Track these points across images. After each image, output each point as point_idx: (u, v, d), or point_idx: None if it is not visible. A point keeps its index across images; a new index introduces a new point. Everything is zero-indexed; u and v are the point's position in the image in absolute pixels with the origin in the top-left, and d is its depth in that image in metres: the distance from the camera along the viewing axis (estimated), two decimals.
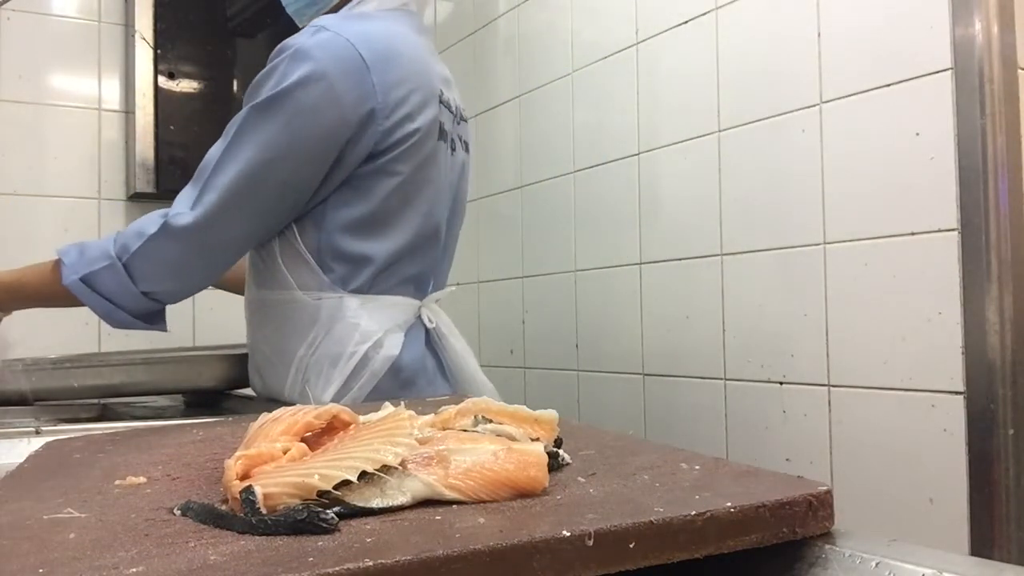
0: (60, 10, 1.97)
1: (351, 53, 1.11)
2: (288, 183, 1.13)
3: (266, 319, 1.25)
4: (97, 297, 1.20)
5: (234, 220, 1.14)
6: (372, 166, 1.15)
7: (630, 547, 0.43)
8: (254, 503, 0.46)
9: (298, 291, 1.20)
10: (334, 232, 1.17)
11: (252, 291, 1.29)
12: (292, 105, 1.09)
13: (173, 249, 1.14)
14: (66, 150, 1.96)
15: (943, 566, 0.42)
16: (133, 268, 1.16)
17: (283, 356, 1.22)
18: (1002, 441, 1.09)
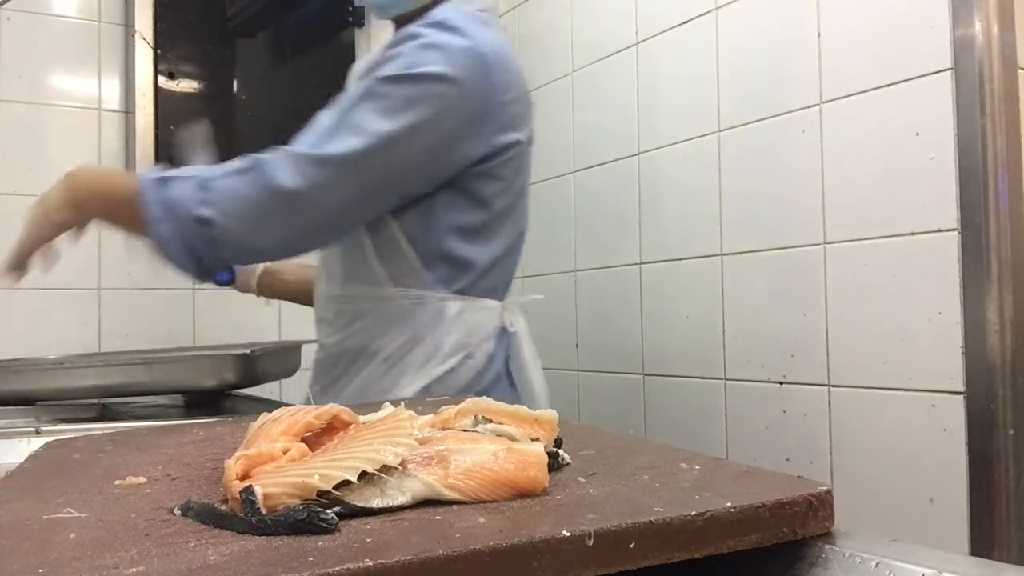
0: (60, 10, 1.97)
1: (477, 57, 1.11)
2: (399, 166, 1.09)
3: (355, 315, 1.21)
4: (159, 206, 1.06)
5: (336, 191, 1.07)
6: (481, 169, 1.15)
7: (630, 547, 0.43)
8: (254, 503, 0.46)
9: (393, 288, 1.17)
10: (444, 234, 1.16)
11: (336, 287, 1.24)
12: (419, 91, 1.07)
13: (261, 197, 1.05)
14: (66, 150, 1.96)
15: (943, 566, 0.42)
16: (210, 188, 1.06)
17: (366, 351, 1.19)
18: (1002, 441, 1.09)
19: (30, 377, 1.38)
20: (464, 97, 1.09)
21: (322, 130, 1.08)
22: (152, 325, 2.03)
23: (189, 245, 1.05)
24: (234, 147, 2.08)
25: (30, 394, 1.33)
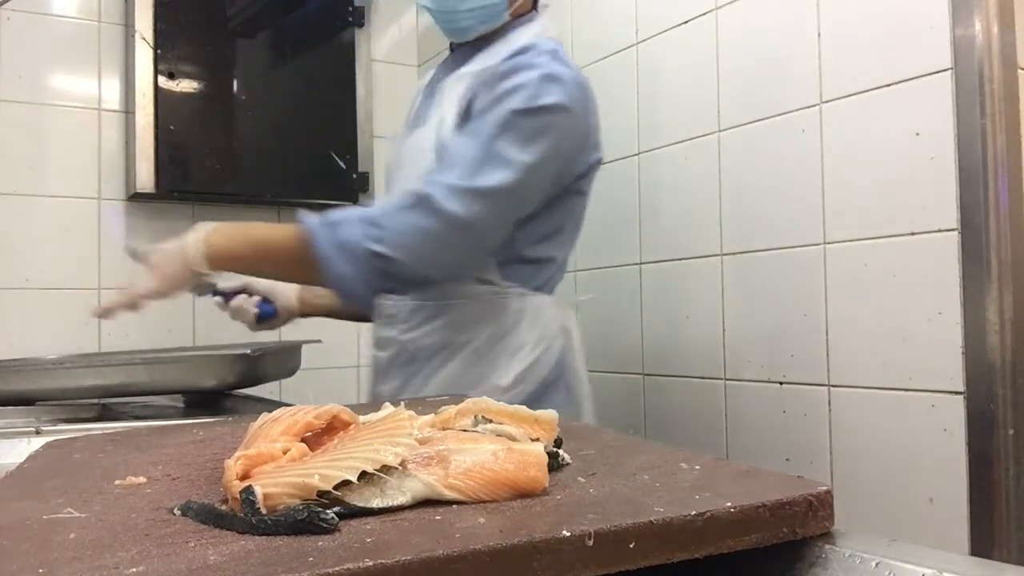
0: (60, 10, 1.97)
1: (582, 86, 1.20)
2: (536, 191, 1.19)
3: (437, 311, 1.24)
4: (334, 248, 1.11)
5: (495, 219, 1.15)
6: (573, 186, 1.25)
7: (630, 547, 0.43)
8: (254, 503, 0.46)
9: (477, 284, 1.23)
10: (526, 238, 1.23)
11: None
12: (546, 123, 1.14)
13: (435, 230, 1.12)
14: (66, 150, 1.96)
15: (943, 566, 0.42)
16: (380, 225, 1.12)
17: (451, 345, 1.23)
18: (1002, 441, 1.09)
19: (30, 377, 1.38)
20: (576, 125, 1.19)
21: (469, 162, 1.12)
22: (152, 325, 2.03)
23: (365, 279, 1.12)
24: (234, 147, 2.08)
25: (30, 394, 1.33)
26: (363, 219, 1.12)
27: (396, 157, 1.34)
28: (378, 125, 2.29)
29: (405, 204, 1.12)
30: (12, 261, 1.90)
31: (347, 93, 2.22)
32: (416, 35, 2.41)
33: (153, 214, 2.05)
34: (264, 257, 1.18)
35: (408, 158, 1.28)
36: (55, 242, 1.94)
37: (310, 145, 2.16)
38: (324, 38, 2.22)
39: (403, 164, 1.29)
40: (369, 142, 2.25)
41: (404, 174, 1.26)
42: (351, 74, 2.23)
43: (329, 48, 2.23)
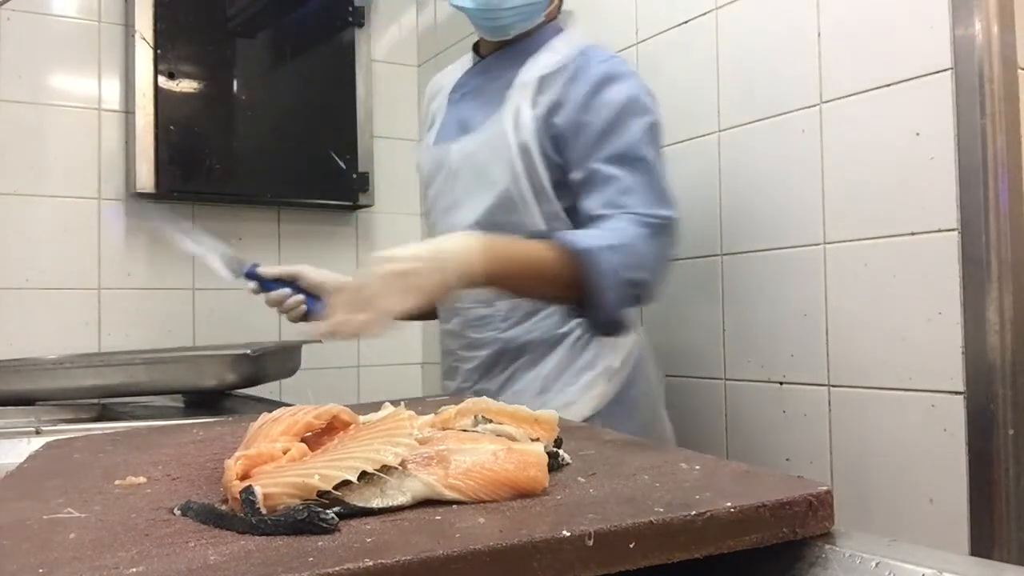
0: (60, 10, 1.97)
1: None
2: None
3: (537, 306, 1.28)
4: (609, 274, 1.11)
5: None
6: None
7: (630, 547, 0.43)
8: (254, 503, 0.46)
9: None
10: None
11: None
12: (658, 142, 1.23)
13: (665, 243, 1.17)
14: (66, 150, 1.96)
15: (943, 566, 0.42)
16: (636, 253, 1.13)
17: (553, 338, 1.28)
18: (1002, 441, 1.09)
19: (30, 377, 1.38)
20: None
21: (653, 195, 1.17)
22: (152, 325, 2.03)
23: (620, 303, 1.13)
24: (234, 147, 2.08)
25: (30, 394, 1.33)
26: (618, 248, 1.11)
27: (439, 163, 1.34)
28: (378, 125, 2.29)
29: (650, 233, 1.14)
30: (12, 261, 1.90)
31: (347, 93, 2.22)
32: (416, 35, 2.41)
33: (153, 214, 2.05)
34: (534, 278, 1.11)
35: (468, 164, 1.28)
36: (55, 242, 1.94)
37: (310, 145, 2.16)
38: (324, 38, 2.22)
39: (461, 170, 1.30)
40: (369, 142, 2.25)
41: (467, 179, 1.28)
42: (351, 74, 2.23)
43: (329, 48, 2.23)
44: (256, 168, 2.09)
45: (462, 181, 1.30)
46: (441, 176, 1.34)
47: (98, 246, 1.99)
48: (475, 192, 1.27)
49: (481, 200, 1.26)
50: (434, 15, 2.35)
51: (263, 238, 2.17)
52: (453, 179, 1.32)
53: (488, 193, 1.25)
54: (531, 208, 1.23)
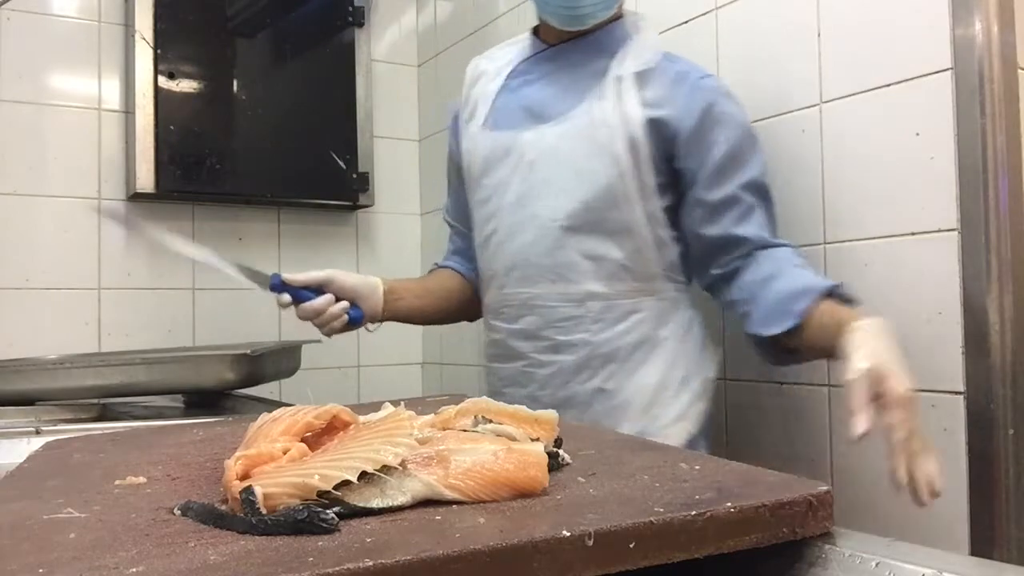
0: (60, 10, 1.97)
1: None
2: None
3: (630, 309, 1.22)
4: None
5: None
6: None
7: (630, 547, 0.43)
8: (254, 503, 0.46)
9: (664, 281, 1.24)
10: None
11: (598, 285, 1.22)
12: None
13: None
14: (66, 150, 1.96)
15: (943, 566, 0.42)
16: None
17: (648, 340, 1.23)
18: (1002, 441, 1.09)
19: (30, 377, 1.38)
20: None
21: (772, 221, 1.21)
22: (152, 325, 2.03)
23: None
24: (234, 147, 2.08)
25: (30, 394, 1.33)
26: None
27: (504, 150, 1.27)
28: (378, 125, 2.29)
29: (801, 263, 1.16)
30: (12, 261, 1.90)
31: (347, 93, 2.22)
32: (416, 35, 2.42)
33: (153, 214, 2.05)
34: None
35: (551, 153, 1.22)
36: (55, 242, 1.94)
37: (310, 145, 2.16)
38: (324, 38, 2.22)
39: (540, 159, 1.23)
40: (369, 142, 2.25)
41: (550, 169, 1.22)
42: (351, 74, 2.23)
43: (329, 48, 2.23)
44: (256, 168, 2.09)
45: (543, 170, 1.23)
46: (507, 164, 1.27)
47: (98, 246, 1.99)
48: (564, 183, 1.21)
49: (576, 192, 1.20)
50: (434, 15, 2.35)
51: (263, 238, 2.17)
52: (528, 168, 1.24)
53: (585, 185, 1.20)
54: (633, 205, 1.19)
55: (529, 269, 1.24)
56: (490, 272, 1.31)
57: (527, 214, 1.24)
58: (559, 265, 1.22)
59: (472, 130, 1.34)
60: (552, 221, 1.22)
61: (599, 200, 1.19)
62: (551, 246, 1.22)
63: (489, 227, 1.30)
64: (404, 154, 2.38)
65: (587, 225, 1.20)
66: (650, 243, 1.22)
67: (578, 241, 1.21)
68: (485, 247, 1.32)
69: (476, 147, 1.32)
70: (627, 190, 1.19)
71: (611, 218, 1.20)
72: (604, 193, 1.19)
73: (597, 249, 1.21)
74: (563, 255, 1.22)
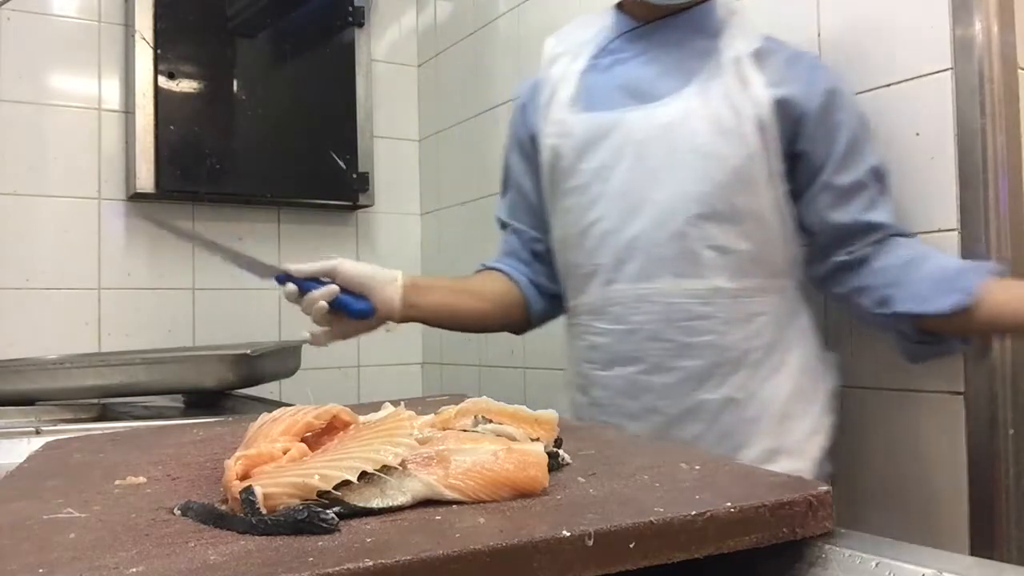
0: (60, 10, 1.97)
1: None
2: None
3: (758, 309, 1.10)
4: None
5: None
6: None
7: (630, 547, 0.43)
8: (254, 503, 0.46)
9: (787, 279, 1.15)
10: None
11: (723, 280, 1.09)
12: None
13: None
14: (66, 150, 1.96)
15: (943, 566, 0.42)
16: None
17: (781, 343, 1.11)
18: (1002, 441, 1.09)
19: (30, 377, 1.38)
20: None
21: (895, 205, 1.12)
22: (152, 325, 2.03)
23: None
24: (234, 147, 2.08)
25: (30, 394, 1.33)
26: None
27: (603, 131, 1.14)
28: (378, 125, 2.29)
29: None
30: (12, 261, 1.90)
31: (347, 93, 2.22)
32: (416, 35, 2.42)
33: (153, 214, 2.05)
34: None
35: (666, 135, 1.10)
36: (55, 242, 1.94)
37: (310, 145, 2.16)
38: (324, 38, 2.22)
39: (653, 141, 1.10)
40: (369, 142, 2.25)
41: (667, 152, 1.10)
42: (351, 74, 2.23)
43: (329, 48, 2.23)
44: (256, 168, 2.10)
45: (658, 153, 1.10)
46: (608, 146, 1.14)
47: (98, 246, 1.99)
48: (687, 166, 1.09)
49: (702, 175, 1.08)
50: (434, 15, 2.35)
51: (263, 238, 2.17)
52: (637, 151, 1.11)
53: (712, 168, 1.08)
54: (762, 191, 1.10)
55: (648, 261, 1.10)
56: (590, 267, 1.16)
57: (640, 200, 1.11)
58: (683, 256, 1.09)
59: (558, 113, 1.20)
60: (674, 207, 1.09)
61: (727, 184, 1.08)
62: (674, 235, 1.09)
63: (590, 216, 1.15)
64: (404, 154, 2.38)
65: (714, 212, 1.08)
66: (778, 234, 1.11)
67: (704, 230, 1.08)
68: (582, 239, 1.17)
69: (568, 130, 1.18)
70: (756, 174, 1.09)
71: (739, 205, 1.09)
72: (732, 177, 1.08)
73: (724, 239, 1.09)
74: (688, 245, 1.09)
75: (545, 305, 1.31)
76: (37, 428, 1.19)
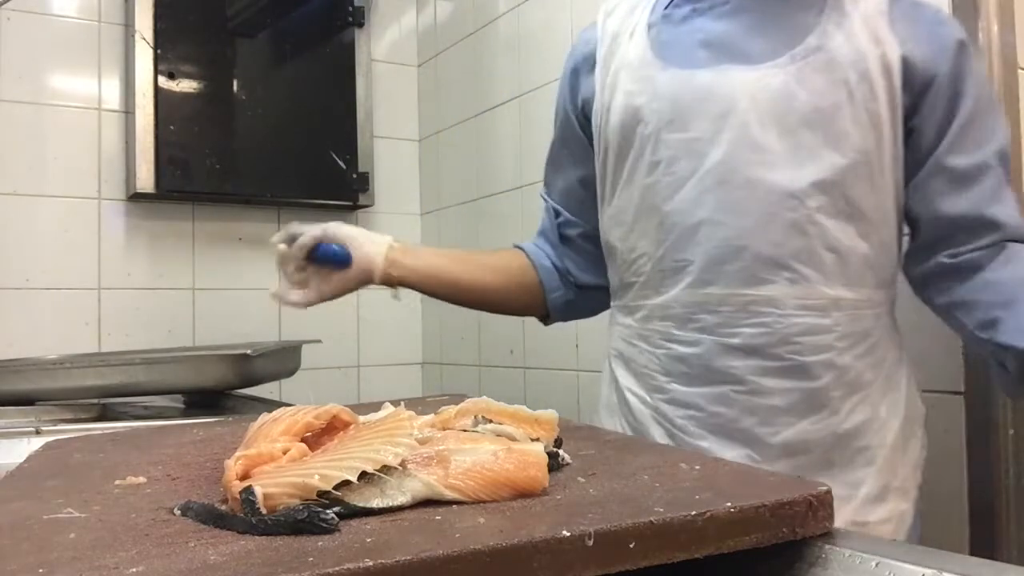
0: (60, 10, 1.97)
1: None
2: None
3: (872, 323, 0.94)
4: None
5: None
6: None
7: (630, 547, 0.43)
8: (254, 503, 0.46)
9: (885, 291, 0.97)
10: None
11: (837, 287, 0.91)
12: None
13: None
14: (66, 150, 1.96)
15: (943, 566, 0.42)
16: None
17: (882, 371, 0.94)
18: (1002, 441, 1.09)
19: (30, 377, 1.38)
20: None
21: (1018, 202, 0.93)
22: (152, 325, 2.03)
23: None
24: (234, 147, 2.08)
25: (30, 394, 1.33)
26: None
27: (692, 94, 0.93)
28: (378, 125, 2.29)
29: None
30: (12, 261, 1.90)
31: (347, 93, 2.22)
32: (416, 35, 2.42)
33: (153, 214, 2.05)
34: None
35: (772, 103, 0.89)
36: (55, 242, 1.94)
37: (310, 145, 2.16)
38: (324, 38, 2.22)
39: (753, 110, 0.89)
40: (369, 142, 2.25)
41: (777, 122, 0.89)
42: (351, 74, 2.23)
43: (329, 48, 2.23)
44: (256, 168, 2.10)
45: (768, 128, 0.89)
46: (707, 114, 0.92)
47: (98, 246, 1.99)
48: (805, 148, 0.89)
49: (825, 160, 0.88)
50: (434, 15, 2.35)
51: (263, 238, 2.16)
52: (746, 122, 0.90)
53: (837, 150, 0.88)
54: (887, 179, 0.91)
55: (756, 262, 0.90)
56: (673, 262, 0.95)
57: (746, 184, 0.90)
58: (798, 258, 0.90)
59: (637, 70, 0.98)
60: (791, 197, 0.89)
61: (852, 171, 0.89)
62: (790, 231, 0.89)
63: (677, 200, 0.94)
64: (404, 154, 2.38)
65: (834, 206, 0.89)
66: (893, 234, 0.94)
67: (821, 227, 0.89)
68: (664, 227, 0.96)
69: (654, 88, 0.96)
70: (883, 159, 0.90)
71: (860, 197, 0.90)
72: (860, 161, 0.89)
73: (842, 239, 0.90)
74: (804, 244, 0.89)
75: (569, 295, 1.14)
76: (37, 428, 1.19)
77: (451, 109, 2.24)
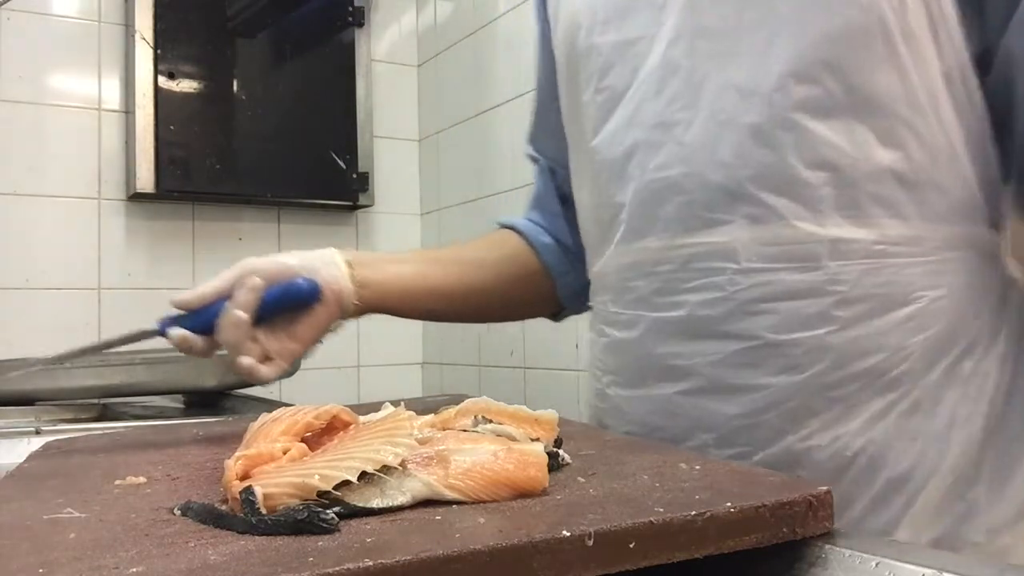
0: (60, 10, 1.97)
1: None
2: None
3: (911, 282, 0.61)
4: None
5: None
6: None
7: (630, 547, 0.43)
8: (254, 503, 0.46)
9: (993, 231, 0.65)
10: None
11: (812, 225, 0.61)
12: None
13: None
14: (66, 150, 1.96)
15: (943, 566, 0.42)
16: None
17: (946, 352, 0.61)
18: None
19: (30, 377, 1.38)
20: None
21: None
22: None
23: None
24: (234, 147, 2.08)
25: (30, 394, 1.33)
26: None
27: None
28: (378, 125, 2.29)
29: None
30: (12, 261, 1.90)
31: (347, 93, 2.22)
32: (416, 35, 2.42)
33: (153, 214, 2.05)
34: None
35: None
36: (55, 242, 1.94)
37: (310, 145, 2.16)
38: (324, 38, 2.22)
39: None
40: (369, 142, 2.25)
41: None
42: (351, 74, 2.23)
43: (329, 48, 2.23)
44: (256, 168, 2.10)
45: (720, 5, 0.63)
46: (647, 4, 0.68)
47: (98, 246, 1.99)
48: (781, 20, 0.60)
49: (804, 19, 0.60)
50: (434, 15, 2.35)
51: (263, 238, 2.17)
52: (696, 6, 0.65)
53: (826, 5, 0.59)
54: (917, 54, 0.59)
55: (701, 193, 0.64)
56: (608, 209, 0.72)
57: (685, 84, 0.64)
58: (762, 182, 0.62)
59: None
60: (752, 92, 0.61)
61: (854, 38, 0.59)
62: (746, 143, 0.62)
63: (611, 122, 0.70)
64: (404, 154, 2.38)
65: (827, 98, 0.60)
66: (955, 136, 0.61)
67: (801, 132, 0.60)
68: (593, 165, 0.73)
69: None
70: (904, 24, 0.58)
71: (872, 78, 0.59)
72: (866, 22, 0.58)
73: (842, 144, 0.60)
74: (774, 160, 0.61)
75: (584, 276, 0.83)
76: (37, 428, 1.19)
77: (451, 109, 2.24)
